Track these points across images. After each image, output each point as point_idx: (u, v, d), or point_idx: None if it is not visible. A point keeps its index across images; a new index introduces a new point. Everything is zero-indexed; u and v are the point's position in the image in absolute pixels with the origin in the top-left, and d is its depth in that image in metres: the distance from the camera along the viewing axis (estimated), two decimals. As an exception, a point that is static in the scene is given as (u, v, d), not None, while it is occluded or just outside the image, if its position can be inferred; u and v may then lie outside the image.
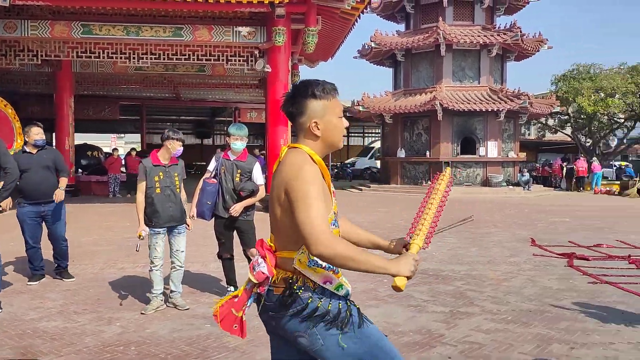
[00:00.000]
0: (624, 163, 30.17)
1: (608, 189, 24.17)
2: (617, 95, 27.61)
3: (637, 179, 23.83)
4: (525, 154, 26.66)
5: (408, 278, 1.98)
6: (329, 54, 19.64)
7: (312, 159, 2.04)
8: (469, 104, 21.95)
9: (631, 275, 6.74)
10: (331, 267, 2.04)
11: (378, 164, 30.85)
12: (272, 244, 2.13)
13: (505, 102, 21.98)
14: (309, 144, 2.09)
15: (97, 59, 15.15)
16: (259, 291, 2.09)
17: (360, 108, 24.11)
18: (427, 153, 23.32)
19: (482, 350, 4.15)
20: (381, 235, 2.40)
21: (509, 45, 23.00)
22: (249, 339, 4.35)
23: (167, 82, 23.14)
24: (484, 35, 22.68)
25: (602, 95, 27.64)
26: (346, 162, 39.15)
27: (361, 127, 47.79)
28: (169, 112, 37.44)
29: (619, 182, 25.04)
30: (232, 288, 5.59)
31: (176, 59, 15.04)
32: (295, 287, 2.02)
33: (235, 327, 2.14)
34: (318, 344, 2.01)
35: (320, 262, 2.00)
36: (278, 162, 2.13)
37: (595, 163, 25.35)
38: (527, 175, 24.28)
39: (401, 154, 24.04)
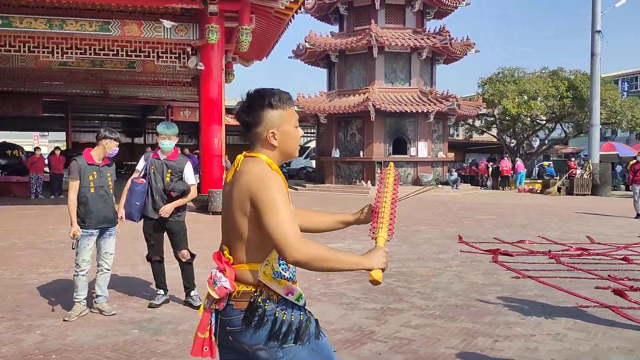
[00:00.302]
0: (546, 163, 31.73)
1: (531, 187, 25.38)
2: (539, 98, 29.05)
3: (558, 177, 25.14)
4: (453, 154, 27.57)
5: (382, 270, 1.99)
6: (263, 53, 19.55)
7: (270, 168, 2.01)
8: (401, 105, 22.46)
9: (551, 270, 7.10)
10: (292, 277, 2.06)
11: (313, 163, 31.01)
12: (229, 257, 2.05)
13: (435, 104, 22.64)
14: (267, 153, 2.06)
15: (18, 53, 14.40)
16: (217, 307, 2.03)
17: (295, 108, 24.02)
18: (361, 153, 23.67)
19: (411, 346, 4.25)
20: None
21: (439, 48, 23.71)
22: (178, 342, 4.26)
23: (95, 79, 22.28)
24: (415, 39, 23.26)
25: (526, 98, 29.01)
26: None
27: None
28: (96, 110, 36.07)
29: (541, 181, 26.33)
30: (161, 292, 5.44)
31: (104, 55, 14.51)
32: (260, 301, 1.98)
33: (206, 349, 2.08)
34: (277, 356, 1.98)
35: (283, 273, 2.00)
36: (234, 170, 2.07)
37: (519, 163, 26.57)
38: (455, 175, 25.15)
39: (336, 153, 24.28)
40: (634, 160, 15.17)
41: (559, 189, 23.18)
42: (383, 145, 23.39)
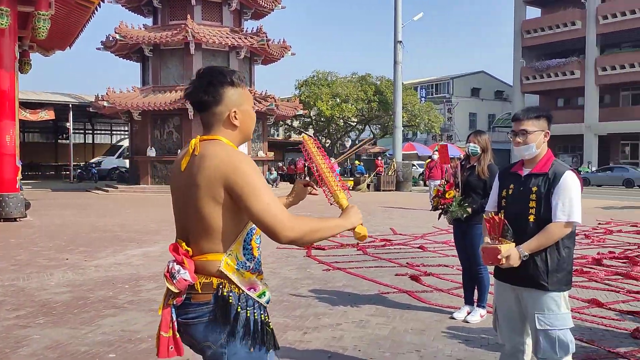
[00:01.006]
0: (357, 162, 33.97)
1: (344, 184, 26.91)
2: (350, 101, 31.00)
3: (367, 175, 27.06)
4: (273, 153, 28.18)
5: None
6: (66, 43, 17.88)
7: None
8: (219, 103, 22.23)
9: (358, 261, 7.58)
10: (258, 268, 1.95)
11: (127, 163, 29.32)
12: (187, 249, 1.88)
13: (254, 104, 22.81)
14: (227, 134, 1.93)
15: None
16: (175, 302, 1.87)
17: (105, 103, 22.56)
18: (179, 152, 22.89)
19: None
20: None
21: (256, 49, 23.99)
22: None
23: None
24: (232, 38, 23.24)
25: (338, 100, 30.77)
26: (91, 161, 36.35)
27: (108, 124, 44.91)
28: None
29: (352, 179, 28.12)
30: None
31: None
32: (224, 293, 1.84)
33: (171, 348, 1.89)
34: (221, 352, 1.84)
35: (248, 264, 1.90)
36: (189, 157, 1.90)
37: (333, 162, 28.02)
38: (275, 174, 25.70)
39: (152, 152, 23.24)
40: (430, 159, 16.92)
41: (368, 186, 24.97)
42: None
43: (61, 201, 17.87)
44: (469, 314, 4.92)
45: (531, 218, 2.82)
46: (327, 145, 35.54)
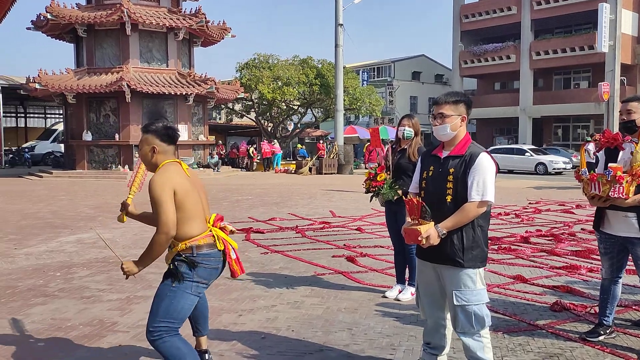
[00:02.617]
0: (299, 145, 33.99)
1: (286, 168, 26.98)
2: (291, 85, 30.88)
3: (309, 158, 27.16)
4: (214, 137, 27.81)
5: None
6: (-8, 22, 16.97)
7: None
8: (158, 86, 21.74)
9: (296, 244, 7.66)
10: None
11: (62, 147, 28.24)
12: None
13: (194, 87, 22.45)
14: None
15: None
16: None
17: (37, 85, 21.58)
18: (117, 136, 22.34)
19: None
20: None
21: (195, 30, 23.49)
22: None
23: None
24: (170, 18, 22.64)
25: (280, 84, 30.59)
26: (24, 146, 34.76)
27: (42, 107, 43.01)
28: None
29: (294, 162, 28.17)
30: None
31: None
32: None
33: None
34: None
35: None
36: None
37: (276, 145, 27.97)
38: (216, 158, 25.41)
39: (87, 136, 22.48)
40: (369, 142, 17.15)
41: (310, 169, 25.09)
42: (141, 128, 22.37)
43: (-10, 188, 17.07)
44: (400, 292, 5.10)
45: (448, 198, 2.96)
46: (269, 128, 35.37)
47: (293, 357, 3.70)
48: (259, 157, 28.75)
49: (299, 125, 36.27)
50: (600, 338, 3.94)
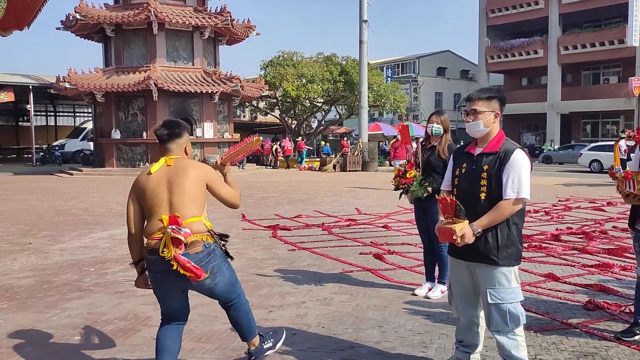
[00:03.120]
0: (323, 142, 34.01)
1: (310, 165, 27.02)
2: (316, 82, 30.91)
3: (333, 156, 27.17)
4: (239, 134, 27.99)
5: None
6: (24, 23, 17.27)
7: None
8: (185, 85, 21.98)
9: (323, 241, 7.68)
10: None
11: (91, 145, 28.76)
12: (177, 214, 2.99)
13: (219, 85, 22.64)
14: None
15: None
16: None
17: (67, 85, 22.01)
18: (144, 134, 22.67)
19: (188, 326, 4.20)
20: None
21: (221, 29, 23.68)
22: None
23: None
24: (196, 17, 22.87)
25: (304, 81, 30.64)
26: (54, 144, 35.50)
27: (71, 105, 43.86)
28: None
29: (319, 159, 28.19)
30: None
31: None
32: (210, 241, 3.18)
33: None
34: (218, 270, 3.19)
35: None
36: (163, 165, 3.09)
37: (301, 142, 28.04)
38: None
39: (116, 135, 22.87)
40: (395, 139, 17.09)
41: (334, 166, 25.09)
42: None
43: (23, 185, 17.49)
44: (430, 290, 5.08)
45: (482, 196, 2.94)
46: (293, 126, 35.46)
47: (324, 354, 3.73)
48: (282, 155, 28.87)
49: (322, 122, 36.28)
50: (636, 337, 3.87)
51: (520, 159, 2.90)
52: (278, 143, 30.65)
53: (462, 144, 4.70)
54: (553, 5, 36.76)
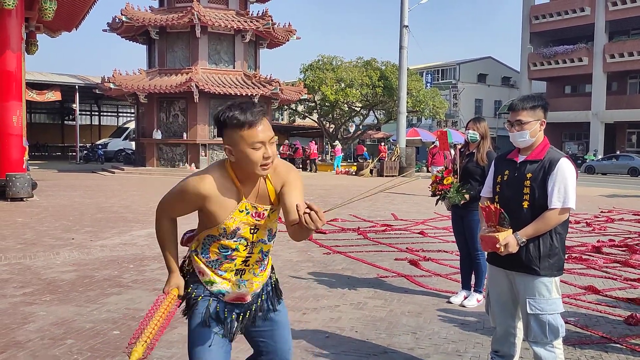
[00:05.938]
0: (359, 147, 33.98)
1: (347, 169, 27.01)
2: (354, 86, 30.90)
3: (370, 160, 27.10)
4: (277, 137, 28.14)
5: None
6: (72, 24, 17.92)
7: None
8: (225, 87, 22.31)
9: (358, 245, 7.68)
10: (210, 264, 2.27)
11: (133, 145, 29.48)
12: None
13: (259, 88, 22.89)
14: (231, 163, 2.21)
15: None
16: None
17: (111, 85, 22.65)
18: (185, 135, 23.10)
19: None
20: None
21: (262, 32, 23.94)
22: None
23: None
24: (238, 21, 23.19)
25: (343, 85, 30.67)
26: (97, 143, 36.52)
27: (115, 106, 45.05)
28: None
29: (356, 164, 28.16)
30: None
31: None
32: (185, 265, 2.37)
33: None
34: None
35: (201, 256, 2.28)
36: None
37: (338, 147, 28.05)
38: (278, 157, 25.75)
39: (157, 135, 23.36)
40: (433, 145, 16.93)
41: (371, 171, 25.01)
42: (207, 127, 23.09)
43: (67, 182, 18.03)
44: (465, 298, 5.01)
45: (525, 204, 2.89)
46: (331, 130, 35.52)
47: (357, 358, 3.72)
48: (319, 158, 28.92)
49: (360, 127, 36.22)
50: (682, 356, 3.74)
51: (566, 168, 2.84)
52: (294, 146, 30.24)
53: (500, 150, 4.62)
54: (599, 12, 35.83)
